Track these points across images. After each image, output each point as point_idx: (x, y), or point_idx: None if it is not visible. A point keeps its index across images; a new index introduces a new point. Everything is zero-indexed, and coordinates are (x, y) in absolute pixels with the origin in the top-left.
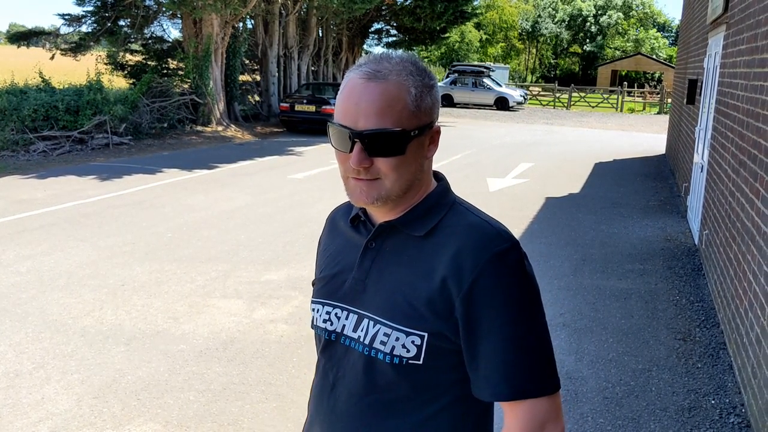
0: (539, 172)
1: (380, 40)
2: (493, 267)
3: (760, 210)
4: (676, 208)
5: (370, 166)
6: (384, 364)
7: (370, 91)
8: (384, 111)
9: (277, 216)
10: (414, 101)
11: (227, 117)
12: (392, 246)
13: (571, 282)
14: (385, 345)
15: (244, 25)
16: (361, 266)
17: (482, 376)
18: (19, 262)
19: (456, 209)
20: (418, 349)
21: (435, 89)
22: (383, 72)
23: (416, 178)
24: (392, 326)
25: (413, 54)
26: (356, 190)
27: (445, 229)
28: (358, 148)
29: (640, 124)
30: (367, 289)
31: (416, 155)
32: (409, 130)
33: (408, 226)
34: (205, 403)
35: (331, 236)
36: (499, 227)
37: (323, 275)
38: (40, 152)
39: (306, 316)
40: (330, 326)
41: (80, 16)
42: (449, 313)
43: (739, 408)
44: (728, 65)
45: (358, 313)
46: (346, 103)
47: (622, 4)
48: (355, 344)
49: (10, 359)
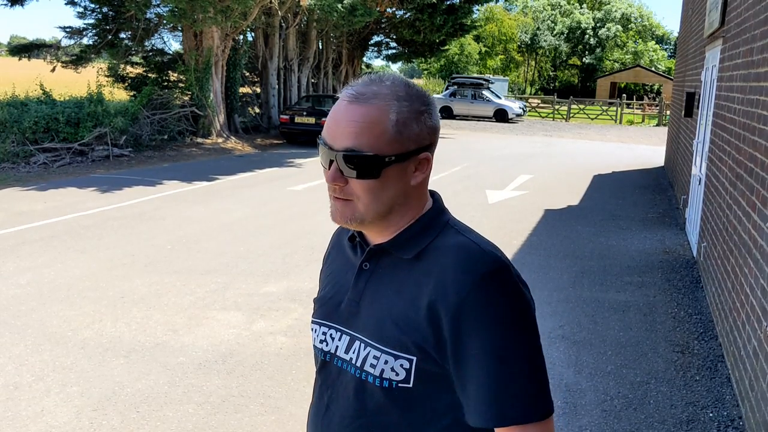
0: (538, 184)
1: (380, 53)
2: (479, 289)
3: (756, 223)
4: (674, 221)
5: (344, 186)
6: (374, 387)
7: (351, 112)
8: (361, 133)
9: (276, 228)
10: (395, 126)
11: (227, 129)
12: (384, 268)
13: (569, 294)
14: (375, 368)
15: (245, 38)
16: (355, 288)
17: (471, 401)
18: (19, 274)
19: (447, 231)
20: (407, 372)
21: (426, 115)
22: (367, 95)
23: (396, 204)
24: (381, 349)
25: (408, 80)
26: (333, 209)
27: (434, 251)
28: (334, 166)
29: (638, 137)
30: (361, 310)
31: (396, 181)
32: (383, 155)
33: (398, 249)
34: (204, 415)
35: (335, 254)
36: (487, 248)
37: (322, 295)
38: (40, 164)
39: (305, 329)
40: (325, 347)
41: (81, 29)
42: (437, 337)
43: (737, 421)
44: (725, 79)
45: (350, 334)
46: (330, 122)
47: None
48: (348, 366)
49: (10, 371)
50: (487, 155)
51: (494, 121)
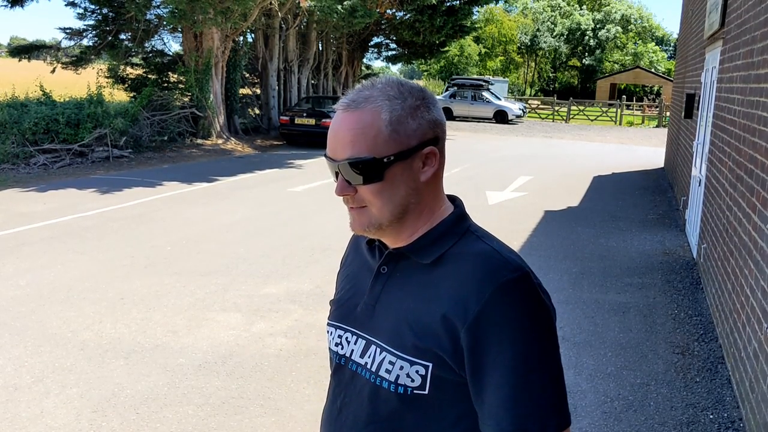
0: (538, 185)
1: (380, 54)
2: (499, 298)
3: (756, 225)
4: (674, 222)
5: (354, 195)
6: (389, 392)
7: (345, 121)
8: (357, 140)
9: (276, 229)
10: (389, 126)
11: (227, 130)
12: (402, 272)
13: (569, 295)
14: (390, 373)
15: (245, 39)
16: (372, 291)
17: (487, 411)
18: (19, 276)
19: (467, 237)
20: (423, 379)
21: (425, 109)
22: (358, 100)
23: (410, 203)
24: (397, 355)
25: (399, 78)
26: (351, 219)
27: (453, 257)
28: (340, 177)
29: (638, 138)
30: (376, 314)
31: (404, 179)
32: (381, 156)
33: (416, 254)
34: (203, 417)
35: (352, 257)
36: (509, 256)
37: (338, 297)
38: (40, 165)
39: (305, 330)
40: (341, 350)
41: (81, 30)
42: (454, 345)
43: (738, 423)
44: (725, 80)
45: (366, 338)
46: (330, 135)
47: (620, 18)
48: (362, 370)
49: (9, 373)
50: (487, 156)
51: (494, 122)
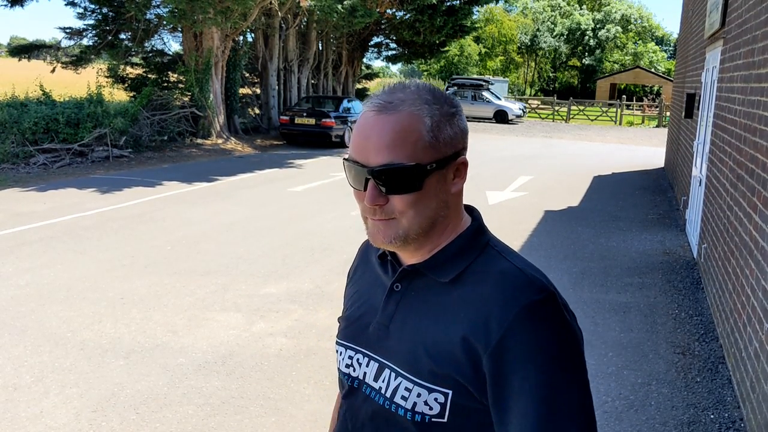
0: (538, 185)
1: (380, 54)
2: (523, 321)
3: (757, 224)
4: (675, 222)
5: (385, 204)
6: (405, 420)
7: (380, 123)
8: (396, 144)
9: (276, 229)
10: (430, 132)
11: (227, 130)
12: (417, 291)
13: (570, 295)
14: (407, 401)
15: (245, 39)
16: (385, 310)
17: None
18: (19, 275)
19: (488, 252)
20: (442, 407)
21: (457, 117)
22: (395, 102)
23: (439, 216)
24: (414, 381)
25: (430, 84)
26: (374, 230)
27: (473, 275)
28: (371, 185)
29: (638, 138)
30: (391, 335)
31: (437, 191)
32: (424, 164)
33: (433, 271)
34: (203, 417)
35: (361, 270)
36: (533, 275)
37: (348, 315)
38: (40, 165)
39: (305, 330)
40: (353, 372)
41: (81, 30)
42: (476, 371)
43: (738, 423)
44: (725, 80)
45: (379, 361)
46: (358, 138)
47: (620, 18)
48: (376, 395)
49: (9, 373)
50: (487, 156)
51: (494, 122)
